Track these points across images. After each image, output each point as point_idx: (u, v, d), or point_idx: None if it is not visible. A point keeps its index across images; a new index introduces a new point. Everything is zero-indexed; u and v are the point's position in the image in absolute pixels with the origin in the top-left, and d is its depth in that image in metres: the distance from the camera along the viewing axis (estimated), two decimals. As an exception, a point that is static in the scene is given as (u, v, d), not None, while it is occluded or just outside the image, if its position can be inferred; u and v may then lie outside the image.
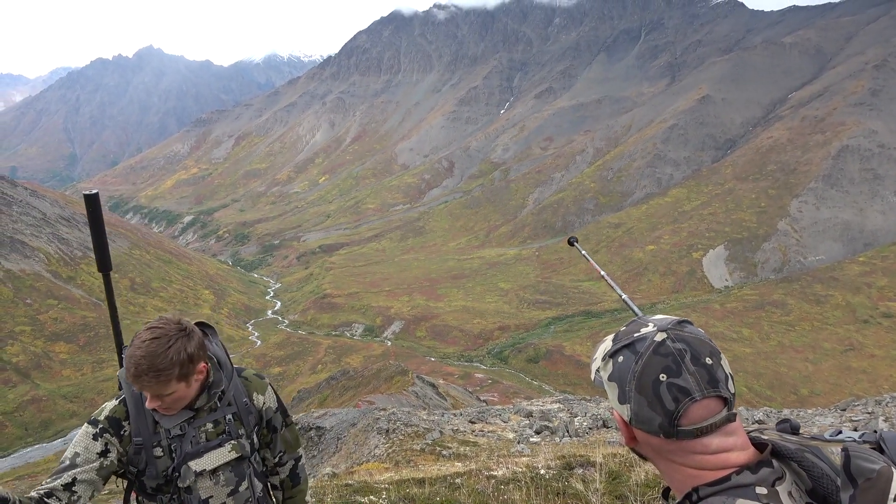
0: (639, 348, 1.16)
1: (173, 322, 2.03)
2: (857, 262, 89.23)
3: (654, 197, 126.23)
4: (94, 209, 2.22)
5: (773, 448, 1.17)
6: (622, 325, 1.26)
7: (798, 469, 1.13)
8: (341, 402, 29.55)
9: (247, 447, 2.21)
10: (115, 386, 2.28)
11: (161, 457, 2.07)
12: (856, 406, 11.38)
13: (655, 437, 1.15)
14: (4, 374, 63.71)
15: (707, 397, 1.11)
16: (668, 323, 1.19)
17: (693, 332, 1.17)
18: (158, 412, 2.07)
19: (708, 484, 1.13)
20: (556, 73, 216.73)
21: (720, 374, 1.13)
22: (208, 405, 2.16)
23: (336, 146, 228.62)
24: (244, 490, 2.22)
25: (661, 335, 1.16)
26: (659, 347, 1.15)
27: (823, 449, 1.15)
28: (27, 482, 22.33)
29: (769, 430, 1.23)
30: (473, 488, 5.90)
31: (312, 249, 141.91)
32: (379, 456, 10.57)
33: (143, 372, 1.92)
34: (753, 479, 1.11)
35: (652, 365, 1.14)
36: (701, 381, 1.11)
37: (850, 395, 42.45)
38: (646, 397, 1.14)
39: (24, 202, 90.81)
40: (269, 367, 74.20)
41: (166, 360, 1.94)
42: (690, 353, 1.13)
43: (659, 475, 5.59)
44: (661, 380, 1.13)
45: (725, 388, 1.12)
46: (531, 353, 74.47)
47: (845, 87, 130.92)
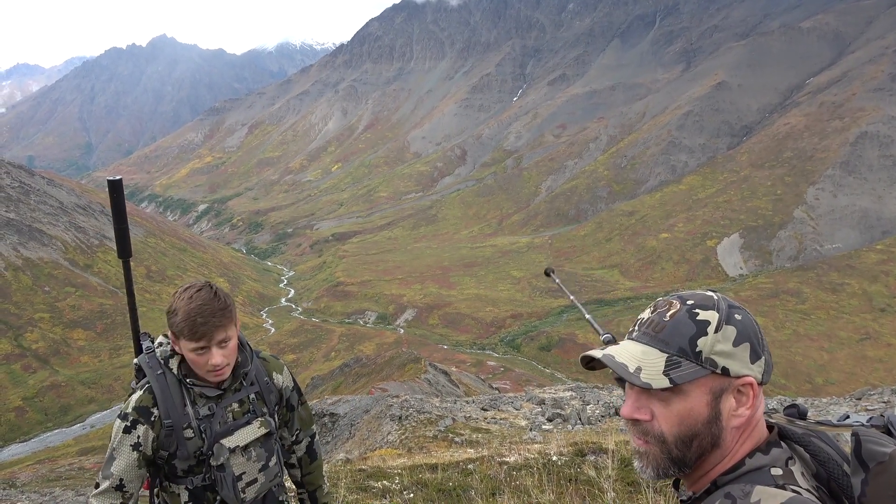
0: (736, 304, 1.15)
1: (202, 281, 2.14)
2: (875, 251, 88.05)
3: (668, 184, 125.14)
4: (117, 195, 2.22)
5: (780, 431, 1.16)
6: (656, 306, 1.19)
7: (803, 453, 1.12)
8: (354, 389, 29.77)
9: (273, 423, 2.27)
10: (132, 373, 2.27)
11: (192, 438, 2.09)
12: (871, 395, 11.30)
13: (759, 387, 1.12)
14: (25, 361, 64.87)
15: None
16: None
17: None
18: (210, 380, 2.11)
19: (724, 472, 1.12)
20: (570, 60, 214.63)
21: None
22: (233, 386, 2.19)
23: (348, 134, 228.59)
24: (274, 465, 2.28)
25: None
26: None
27: (830, 434, 1.14)
28: (47, 466, 22.77)
29: (777, 415, 1.22)
30: (486, 474, 5.94)
31: (325, 238, 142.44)
32: (392, 442, 10.66)
33: (214, 312, 2.00)
34: (767, 460, 1.10)
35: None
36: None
37: (866, 384, 42.09)
38: (766, 346, 1.14)
39: (42, 191, 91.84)
40: (284, 354, 74.83)
41: (222, 298, 2.04)
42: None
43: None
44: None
45: None
46: (543, 342, 74.49)
47: (864, 73, 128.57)
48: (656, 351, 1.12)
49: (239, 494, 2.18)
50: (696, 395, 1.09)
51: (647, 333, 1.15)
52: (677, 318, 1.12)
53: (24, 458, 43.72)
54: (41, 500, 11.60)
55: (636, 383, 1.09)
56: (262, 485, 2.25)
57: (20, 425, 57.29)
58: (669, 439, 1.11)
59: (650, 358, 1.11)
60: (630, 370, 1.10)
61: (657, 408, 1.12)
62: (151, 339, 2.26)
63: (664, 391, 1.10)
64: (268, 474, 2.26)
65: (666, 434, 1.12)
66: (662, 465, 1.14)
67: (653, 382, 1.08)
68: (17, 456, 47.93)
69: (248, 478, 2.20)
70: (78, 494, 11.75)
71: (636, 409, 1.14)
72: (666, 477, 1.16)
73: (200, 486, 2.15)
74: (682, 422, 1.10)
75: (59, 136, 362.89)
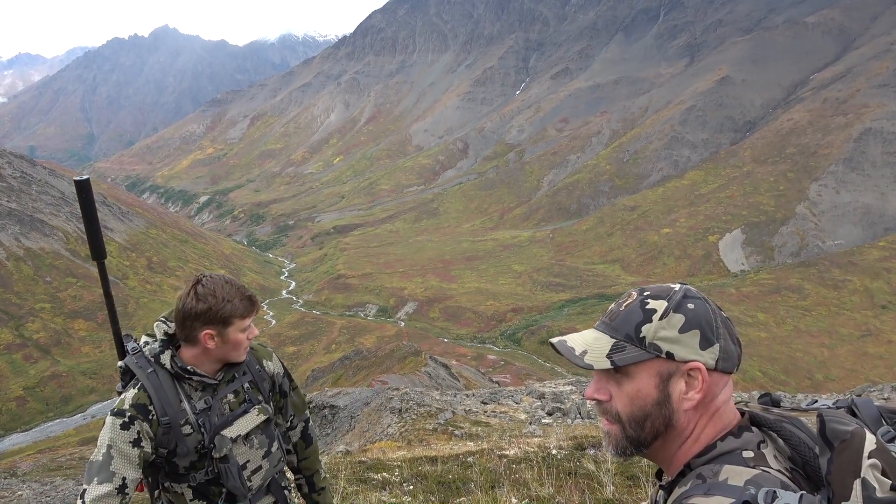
0: (695, 294, 1.21)
1: (203, 273, 2.17)
2: (877, 247, 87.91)
3: (670, 179, 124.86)
4: (85, 196, 2.06)
5: (752, 417, 1.21)
6: (617, 302, 1.28)
7: (776, 438, 1.17)
8: (355, 381, 29.83)
9: (270, 409, 2.26)
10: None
11: (191, 434, 2.06)
12: (871, 391, 11.30)
13: (723, 378, 1.18)
14: (26, 351, 65.05)
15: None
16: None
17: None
18: (240, 360, 2.15)
19: (696, 455, 1.18)
20: (573, 54, 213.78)
21: None
22: (227, 377, 2.18)
23: (351, 127, 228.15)
24: (276, 451, 2.29)
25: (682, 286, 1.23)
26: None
27: (801, 419, 1.18)
28: (48, 455, 22.80)
29: (752, 404, 1.27)
30: (485, 467, 5.95)
31: (327, 230, 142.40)
32: (392, 435, 10.68)
33: (251, 295, 2.08)
34: (738, 443, 1.15)
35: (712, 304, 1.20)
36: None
37: (867, 380, 42.14)
38: (728, 330, 1.18)
39: (44, 181, 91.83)
40: (284, 346, 74.98)
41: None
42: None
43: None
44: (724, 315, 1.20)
45: None
46: (544, 336, 74.43)
47: (869, 68, 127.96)
48: (607, 337, 1.21)
49: (245, 483, 2.17)
50: (642, 377, 1.17)
51: (605, 322, 1.25)
52: (630, 308, 1.21)
53: (25, 448, 43.86)
54: (42, 489, 11.64)
55: (578, 364, 1.19)
56: (266, 471, 2.26)
57: (21, 415, 57.51)
58: (624, 419, 1.20)
59: (599, 343, 1.21)
60: (576, 353, 1.20)
61: (613, 389, 1.21)
62: (135, 339, 2.20)
63: (618, 374, 1.19)
64: (271, 460, 2.27)
65: (621, 413, 1.20)
66: (621, 443, 1.22)
67: (595, 364, 1.18)
68: (18, 445, 48.10)
69: (252, 465, 2.19)
70: (78, 484, 11.79)
71: (596, 389, 1.23)
72: (626, 455, 1.24)
73: (204, 482, 2.12)
74: (633, 402, 1.18)
75: (61, 127, 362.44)
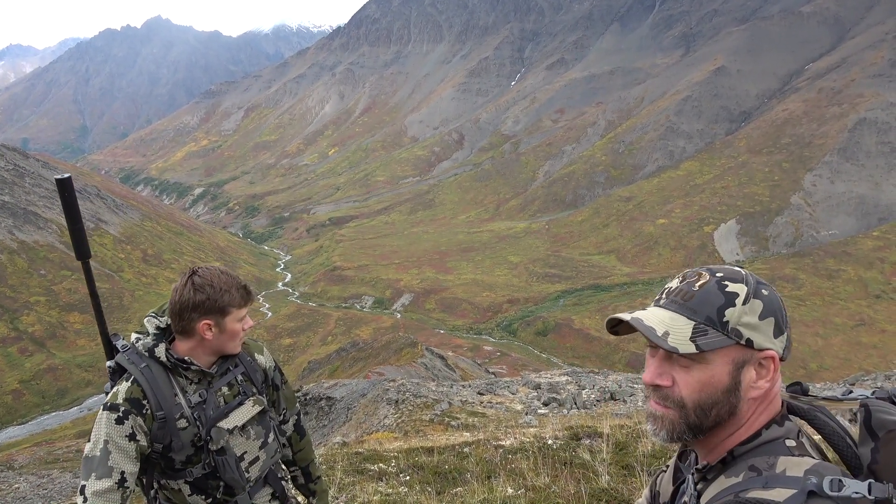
0: (763, 280, 1.19)
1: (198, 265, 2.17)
2: (871, 237, 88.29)
3: (665, 170, 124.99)
4: (68, 194, 2.01)
5: (788, 406, 1.21)
6: (688, 278, 1.21)
7: (808, 427, 1.17)
8: (351, 373, 29.90)
9: (265, 401, 2.25)
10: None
11: (186, 427, 2.04)
12: (865, 381, 11.40)
13: (779, 362, 1.17)
14: (21, 344, 64.96)
15: None
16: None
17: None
18: (236, 351, 2.15)
19: (741, 444, 1.15)
20: (569, 44, 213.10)
21: None
22: (220, 370, 2.17)
23: (346, 118, 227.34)
24: (273, 441, 2.28)
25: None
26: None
27: (832, 408, 1.18)
28: (45, 448, 22.83)
29: (781, 391, 1.25)
30: (481, 457, 5.98)
31: (322, 222, 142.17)
32: (388, 426, 10.72)
33: (246, 285, 2.08)
34: (782, 431, 1.13)
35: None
36: None
37: (860, 370, 42.39)
38: (789, 324, 1.18)
39: (37, 174, 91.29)
40: (280, 338, 74.99)
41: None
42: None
43: (666, 447, 5.63)
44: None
45: None
46: (540, 327, 74.73)
47: (864, 58, 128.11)
48: (684, 318, 1.14)
49: (243, 475, 2.16)
50: (718, 363, 1.12)
51: (676, 301, 1.18)
52: (707, 289, 1.15)
53: (22, 441, 43.87)
54: (39, 481, 11.66)
55: (663, 346, 1.12)
56: (264, 462, 2.25)
57: (17, 408, 57.50)
58: (689, 405, 1.14)
59: (678, 324, 1.14)
60: (658, 334, 1.13)
61: (678, 374, 1.14)
62: (123, 338, 2.18)
63: (686, 358, 1.13)
64: (268, 451, 2.26)
65: (686, 400, 1.14)
66: (678, 429, 1.16)
67: (679, 347, 1.11)
68: (15, 438, 48.15)
69: (249, 457, 2.19)
70: (75, 476, 11.82)
71: (658, 374, 1.17)
72: (679, 441, 1.18)
73: (202, 476, 2.10)
74: (703, 389, 1.13)
75: (54, 119, 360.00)
